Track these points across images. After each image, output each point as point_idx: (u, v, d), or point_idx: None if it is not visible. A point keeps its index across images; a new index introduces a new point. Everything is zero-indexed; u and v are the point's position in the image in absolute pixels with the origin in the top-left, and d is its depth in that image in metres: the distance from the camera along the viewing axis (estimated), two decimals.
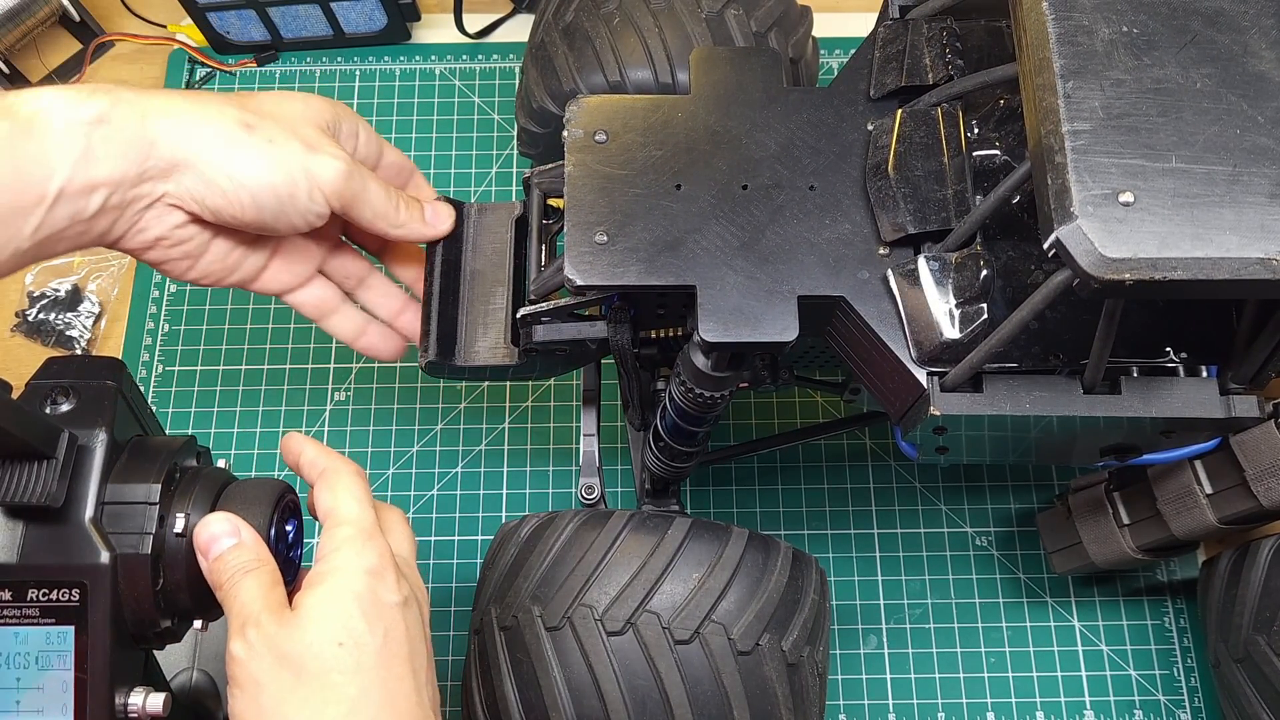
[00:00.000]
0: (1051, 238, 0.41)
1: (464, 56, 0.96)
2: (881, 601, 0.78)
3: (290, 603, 0.47)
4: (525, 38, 0.97)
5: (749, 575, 0.56)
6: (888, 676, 0.76)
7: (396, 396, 0.84)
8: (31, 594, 0.47)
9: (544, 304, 0.57)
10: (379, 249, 0.66)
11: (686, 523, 0.57)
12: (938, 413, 0.49)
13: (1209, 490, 0.63)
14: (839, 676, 0.75)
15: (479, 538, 0.80)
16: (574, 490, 0.81)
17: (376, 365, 0.85)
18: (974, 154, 0.54)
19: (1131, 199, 0.40)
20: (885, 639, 0.77)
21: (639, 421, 0.68)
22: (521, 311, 0.57)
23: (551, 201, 0.61)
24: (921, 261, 0.51)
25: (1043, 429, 0.51)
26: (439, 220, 0.61)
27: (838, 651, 0.76)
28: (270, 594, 0.47)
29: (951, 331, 0.50)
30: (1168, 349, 0.50)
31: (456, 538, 0.79)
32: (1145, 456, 0.55)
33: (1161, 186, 0.41)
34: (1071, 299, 0.43)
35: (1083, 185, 0.41)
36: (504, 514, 0.80)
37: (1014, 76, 0.50)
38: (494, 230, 0.63)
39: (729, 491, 0.81)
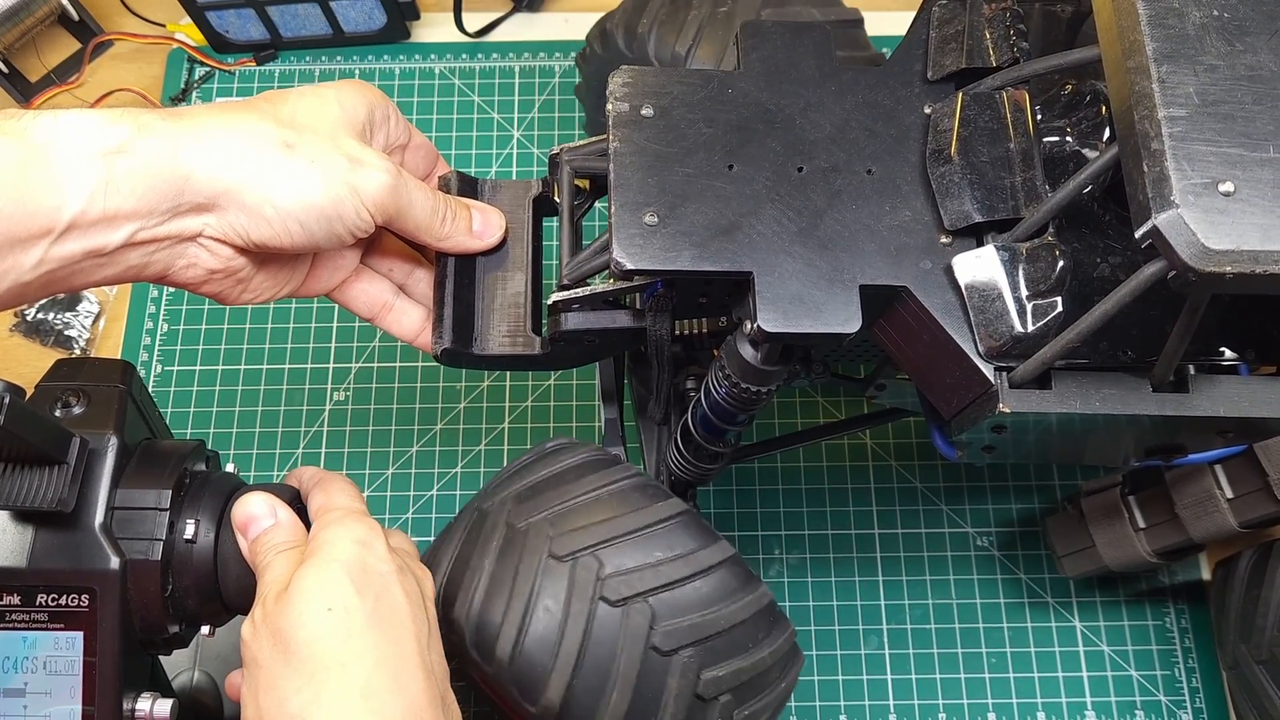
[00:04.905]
0: (1148, 226, 0.39)
1: (463, 56, 0.96)
2: (882, 602, 0.78)
3: None
4: (525, 37, 0.97)
5: (708, 587, 0.53)
6: (888, 677, 0.76)
7: (396, 396, 0.84)
8: (41, 598, 0.47)
9: (578, 290, 0.54)
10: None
11: (679, 508, 0.54)
12: (1008, 410, 0.47)
13: (1230, 494, 0.63)
14: (840, 677, 0.76)
15: None
16: None
17: (376, 365, 0.85)
18: (1042, 141, 0.51)
19: (1232, 189, 0.39)
20: (886, 639, 0.77)
21: (660, 417, 0.66)
22: (554, 297, 0.54)
23: (577, 182, 0.58)
24: (991, 251, 0.48)
25: (1107, 427, 0.49)
26: (488, 231, 0.57)
27: (838, 652, 0.76)
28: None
29: (1021, 325, 0.47)
30: (1222, 347, 0.49)
31: None
32: (1190, 456, 0.53)
33: (1261, 177, 0.40)
34: (1143, 293, 0.42)
35: (1182, 173, 0.39)
36: None
37: (1093, 59, 0.48)
38: (510, 209, 0.59)
39: (729, 491, 0.81)
